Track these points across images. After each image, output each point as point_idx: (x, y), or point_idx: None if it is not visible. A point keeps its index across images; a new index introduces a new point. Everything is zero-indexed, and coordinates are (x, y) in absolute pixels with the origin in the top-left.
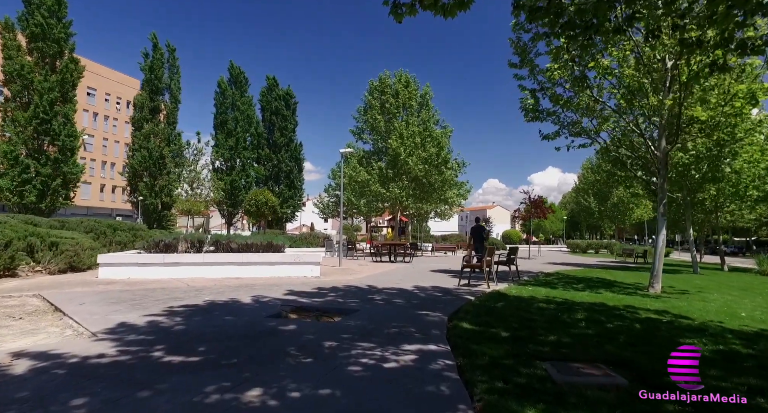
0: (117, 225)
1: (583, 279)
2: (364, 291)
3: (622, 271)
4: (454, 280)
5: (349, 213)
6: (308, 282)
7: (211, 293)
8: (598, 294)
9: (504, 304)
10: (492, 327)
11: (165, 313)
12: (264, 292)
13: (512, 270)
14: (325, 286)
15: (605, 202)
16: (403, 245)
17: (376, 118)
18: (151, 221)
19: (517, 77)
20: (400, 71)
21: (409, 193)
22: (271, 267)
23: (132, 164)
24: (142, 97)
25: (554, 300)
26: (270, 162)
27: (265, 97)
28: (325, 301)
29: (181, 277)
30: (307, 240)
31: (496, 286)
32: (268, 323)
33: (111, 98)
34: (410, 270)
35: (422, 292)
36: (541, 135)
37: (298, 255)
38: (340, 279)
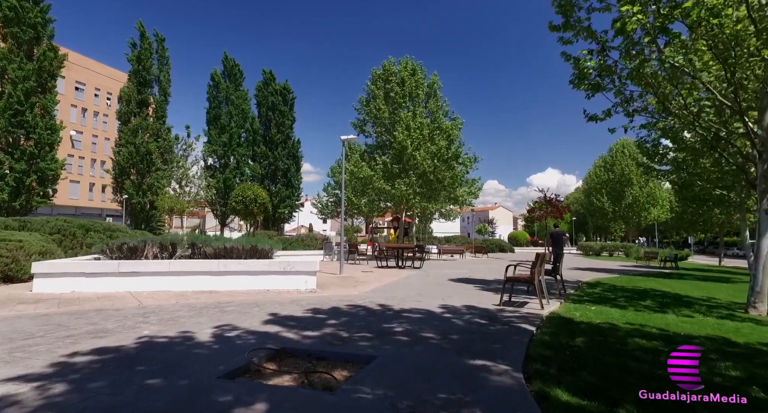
0: (90, 225)
1: (640, 292)
2: (377, 316)
3: (670, 279)
4: (486, 294)
5: (349, 214)
6: (300, 299)
7: (160, 321)
8: (689, 317)
9: (586, 341)
10: (608, 395)
11: (49, 373)
12: (236, 318)
13: (558, 279)
14: (323, 306)
15: (619, 202)
16: (411, 248)
17: (380, 108)
18: (138, 221)
19: (562, 41)
20: (406, 58)
21: (416, 190)
22: (255, 277)
23: (118, 161)
24: (129, 90)
25: (645, 330)
26: (266, 159)
27: (262, 91)
28: (322, 336)
29: (141, 290)
30: (304, 242)
31: (548, 305)
32: (218, 395)
33: (101, 94)
34: (425, 280)
35: (456, 317)
36: (587, 115)
37: (289, 263)
38: (342, 294)
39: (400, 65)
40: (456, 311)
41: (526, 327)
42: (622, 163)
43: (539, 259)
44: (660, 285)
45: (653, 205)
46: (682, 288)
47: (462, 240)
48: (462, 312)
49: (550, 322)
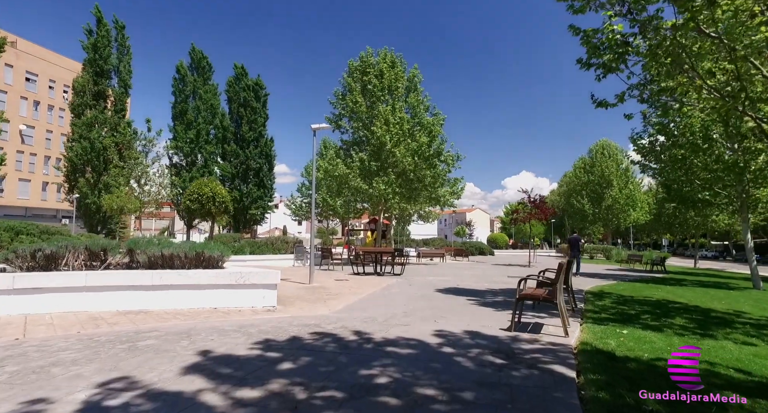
0: (22, 227)
1: (656, 304)
2: (351, 354)
3: (671, 286)
4: (486, 312)
5: (324, 215)
6: (251, 324)
7: (16, 374)
8: (750, 346)
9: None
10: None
11: None
12: (144, 363)
13: (568, 290)
14: (279, 337)
15: (599, 204)
16: (390, 252)
17: (357, 100)
18: (94, 224)
19: (572, 9)
20: (385, 49)
21: (395, 189)
22: (199, 292)
23: (70, 157)
24: (84, 80)
25: (719, 372)
26: (237, 158)
27: (233, 86)
28: (265, 401)
29: (46, 313)
30: (273, 246)
31: (569, 327)
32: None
33: (57, 86)
34: (409, 291)
35: (461, 352)
36: (595, 101)
37: (242, 273)
38: (308, 315)
39: (379, 57)
40: (457, 342)
41: (562, 371)
42: (602, 164)
43: (561, 272)
44: (669, 295)
45: (633, 207)
46: (695, 298)
47: (440, 242)
48: (466, 344)
49: (589, 360)
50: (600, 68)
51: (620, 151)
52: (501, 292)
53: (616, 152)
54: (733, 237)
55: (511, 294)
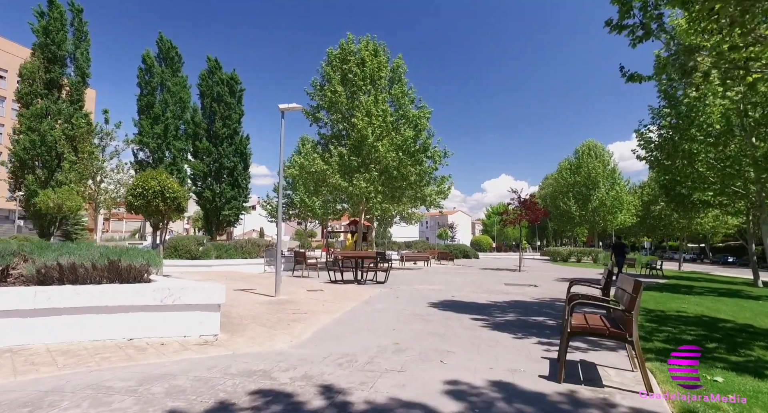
0: None
1: (703, 323)
2: None
3: (687, 295)
4: (507, 342)
5: (302, 217)
6: (165, 374)
7: None
8: None
9: None
10: None
11: None
12: None
13: None
14: (194, 407)
15: (585, 205)
16: (372, 257)
17: (336, 90)
18: (46, 226)
19: None
20: (367, 37)
21: (377, 188)
22: (108, 318)
23: (16, 151)
24: (33, 66)
25: None
26: (209, 156)
27: (206, 80)
28: None
29: None
30: (243, 249)
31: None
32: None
33: (9, 76)
34: (398, 307)
35: None
36: (625, 74)
37: (172, 290)
38: (258, 354)
39: (360, 44)
40: (487, 410)
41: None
42: (589, 165)
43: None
44: (701, 308)
45: (619, 209)
46: (736, 313)
47: (423, 245)
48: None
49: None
50: (634, 32)
51: (606, 151)
52: (509, 307)
53: (602, 153)
54: (710, 239)
55: (522, 310)
